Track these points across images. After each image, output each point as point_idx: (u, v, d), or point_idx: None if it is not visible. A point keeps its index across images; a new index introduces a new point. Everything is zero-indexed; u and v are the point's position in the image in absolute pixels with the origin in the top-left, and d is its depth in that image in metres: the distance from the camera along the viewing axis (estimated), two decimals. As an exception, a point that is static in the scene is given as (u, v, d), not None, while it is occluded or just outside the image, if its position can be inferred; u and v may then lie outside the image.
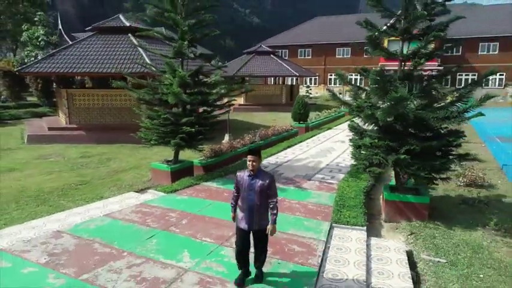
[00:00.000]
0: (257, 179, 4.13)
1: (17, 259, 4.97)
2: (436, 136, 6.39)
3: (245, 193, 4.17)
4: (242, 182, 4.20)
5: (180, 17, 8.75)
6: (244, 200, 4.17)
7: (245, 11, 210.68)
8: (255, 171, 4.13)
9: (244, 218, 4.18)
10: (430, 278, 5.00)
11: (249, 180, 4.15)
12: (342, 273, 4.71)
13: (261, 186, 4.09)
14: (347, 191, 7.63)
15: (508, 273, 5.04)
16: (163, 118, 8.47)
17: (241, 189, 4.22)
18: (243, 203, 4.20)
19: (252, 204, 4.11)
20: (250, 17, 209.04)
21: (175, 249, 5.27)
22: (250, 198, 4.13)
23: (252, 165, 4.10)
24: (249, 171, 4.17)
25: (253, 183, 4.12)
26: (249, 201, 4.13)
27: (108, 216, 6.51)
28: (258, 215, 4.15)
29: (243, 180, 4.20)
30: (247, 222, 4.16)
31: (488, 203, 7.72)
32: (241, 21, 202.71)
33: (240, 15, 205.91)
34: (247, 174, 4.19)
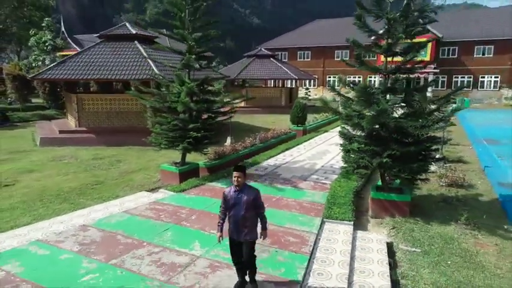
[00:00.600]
0: (243, 194, 4.43)
1: (53, 248, 5.87)
2: (415, 142, 7.25)
3: (232, 207, 4.47)
4: (229, 198, 4.49)
5: (187, 32, 9.60)
6: (232, 213, 4.48)
7: (245, 11, 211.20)
8: (240, 187, 4.43)
9: (233, 230, 4.52)
10: (405, 264, 5.88)
11: (235, 195, 4.45)
12: (329, 260, 5.60)
13: (247, 200, 4.41)
14: (338, 190, 8.51)
15: (471, 260, 5.93)
16: (172, 124, 9.35)
17: (228, 204, 4.49)
18: (230, 216, 4.51)
19: (239, 218, 4.43)
20: (250, 17, 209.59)
21: (187, 240, 6.15)
22: (237, 213, 4.43)
23: (237, 181, 4.40)
24: (234, 187, 4.47)
25: (240, 198, 4.43)
26: (236, 215, 4.44)
27: (126, 213, 7.40)
28: (244, 227, 4.46)
29: (229, 195, 4.49)
30: (236, 234, 4.51)
31: (465, 201, 8.61)
32: (241, 22, 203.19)
33: (240, 16, 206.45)
34: (233, 190, 4.49)
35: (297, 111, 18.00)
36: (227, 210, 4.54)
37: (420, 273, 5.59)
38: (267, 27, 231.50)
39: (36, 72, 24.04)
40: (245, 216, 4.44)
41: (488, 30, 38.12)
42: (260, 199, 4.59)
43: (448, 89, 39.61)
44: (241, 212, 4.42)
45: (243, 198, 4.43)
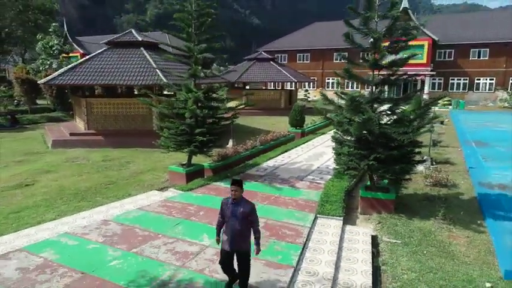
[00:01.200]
0: (239, 207, 4.67)
1: (80, 239, 6.78)
2: (398, 146, 8.14)
3: (229, 219, 4.71)
4: (226, 209, 4.76)
5: (193, 45, 10.49)
6: (228, 224, 4.72)
7: (245, 11, 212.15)
8: (237, 199, 4.69)
9: (227, 241, 4.75)
10: (387, 253, 6.79)
11: (232, 207, 4.70)
12: (320, 249, 6.51)
13: (243, 213, 4.65)
14: (331, 189, 9.41)
15: (444, 250, 6.84)
16: (180, 129, 10.25)
17: (225, 215, 4.75)
18: (226, 227, 4.76)
19: (234, 229, 4.66)
20: (250, 18, 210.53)
21: (197, 232, 7.06)
22: (233, 224, 4.67)
23: (234, 194, 4.67)
24: (232, 199, 4.73)
25: (236, 210, 4.66)
26: (232, 226, 4.67)
27: (141, 209, 8.32)
28: (239, 238, 4.69)
29: (227, 206, 4.76)
30: (230, 244, 4.73)
31: (447, 199, 9.52)
32: (242, 22, 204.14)
33: (240, 16, 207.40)
34: (230, 202, 4.74)
35: (295, 115, 18.91)
36: (224, 221, 4.81)
37: (399, 260, 6.50)
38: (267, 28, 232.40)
39: (43, 75, 25.02)
40: (241, 229, 4.68)
41: (483, 34, 39.03)
42: (255, 213, 4.79)
43: (444, 91, 40.58)
44: (237, 224, 4.65)
45: (239, 210, 4.65)
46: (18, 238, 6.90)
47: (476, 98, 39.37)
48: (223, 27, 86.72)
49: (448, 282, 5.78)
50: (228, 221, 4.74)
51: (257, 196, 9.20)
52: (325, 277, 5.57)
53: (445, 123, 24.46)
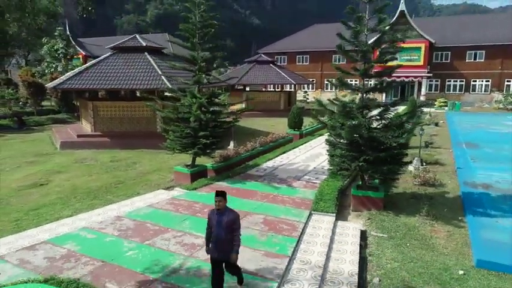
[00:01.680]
0: (224, 216, 4.97)
1: (98, 233, 7.55)
2: (385, 149, 8.90)
3: (215, 228, 4.99)
4: (212, 219, 5.07)
5: (197, 53, 11.25)
6: (214, 234, 5.02)
7: (245, 12, 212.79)
8: (221, 210, 4.99)
9: (215, 249, 5.05)
10: (373, 246, 7.56)
11: (218, 217, 4.99)
12: (313, 241, 7.27)
13: (228, 222, 4.94)
14: (326, 188, 10.17)
15: (426, 243, 7.60)
16: (185, 132, 11.02)
17: (212, 225, 5.06)
18: (213, 237, 5.04)
19: (220, 238, 4.96)
20: (251, 18, 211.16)
21: (202, 227, 7.73)
22: (218, 233, 4.96)
23: (218, 205, 4.97)
24: (216, 210, 5.03)
25: (221, 220, 4.96)
26: (218, 236, 4.97)
27: (150, 207, 9.09)
28: (226, 247, 4.98)
29: (213, 217, 5.06)
30: (217, 252, 5.04)
31: (433, 197, 10.28)
32: (242, 22, 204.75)
33: (240, 16, 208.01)
34: (216, 213, 5.04)
35: (293, 117, 19.68)
36: (211, 231, 5.11)
37: (384, 252, 7.26)
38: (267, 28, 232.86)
39: (48, 78, 25.77)
40: (226, 238, 4.96)
41: (479, 36, 39.81)
42: (238, 222, 5.09)
43: (441, 92, 41.36)
44: (222, 233, 4.94)
45: (224, 219, 4.96)
46: (41, 232, 7.66)
47: (472, 99, 40.14)
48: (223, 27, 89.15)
49: (426, 270, 6.55)
50: (214, 230, 5.00)
51: (257, 195, 9.97)
52: (317, 265, 6.34)
53: (439, 124, 25.30)
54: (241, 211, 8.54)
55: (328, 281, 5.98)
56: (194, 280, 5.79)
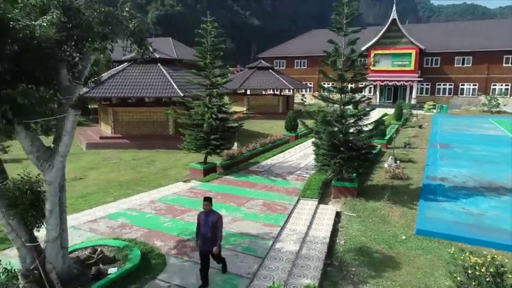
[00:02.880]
0: (209, 217, 6.33)
1: (139, 211, 10.23)
2: (357, 149, 11.54)
3: (202, 227, 6.33)
4: (200, 220, 6.42)
5: (209, 71, 13.91)
6: (202, 232, 6.34)
7: (245, 13, 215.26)
8: (208, 212, 6.36)
9: (202, 244, 6.37)
10: (344, 221, 10.22)
11: (205, 218, 6.34)
12: (299, 217, 9.95)
13: (212, 221, 6.28)
14: (312, 181, 12.84)
15: (383, 219, 10.27)
16: (199, 136, 13.68)
17: (200, 224, 6.41)
18: (201, 234, 6.38)
19: (206, 235, 6.28)
20: (251, 19, 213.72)
21: (217, 208, 10.44)
22: (205, 232, 6.28)
23: (205, 207, 6.37)
24: (204, 212, 6.40)
25: (208, 220, 6.30)
26: (205, 234, 6.30)
27: (175, 194, 11.77)
28: (209, 242, 6.28)
29: (201, 218, 6.42)
30: (203, 246, 6.33)
31: (398, 188, 12.95)
32: (242, 23, 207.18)
33: (241, 17, 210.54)
34: (203, 214, 6.41)
35: (290, 121, 22.37)
36: (199, 227, 6.46)
37: (351, 225, 9.94)
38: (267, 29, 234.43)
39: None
40: (211, 236, 6.30)
41: (467, 43, 42.49)
42: (220, 221, 6.39)
43: (431, 95, 44.04)
44: (208, 233, 6.25)
45: (209, 220, 6.32)
46: (96, 212, 10.34)
47: (460, 102, 42.83)
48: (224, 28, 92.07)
49: (380, 236, 9.23)
50: (201, 229, 6.35)
51: (257, 185, 12.65)
52: (301, 232, 9.02)
53: (423, 127, 27.96)
54: (245, 197, 11.35)
55: (308, 241, 8.66)
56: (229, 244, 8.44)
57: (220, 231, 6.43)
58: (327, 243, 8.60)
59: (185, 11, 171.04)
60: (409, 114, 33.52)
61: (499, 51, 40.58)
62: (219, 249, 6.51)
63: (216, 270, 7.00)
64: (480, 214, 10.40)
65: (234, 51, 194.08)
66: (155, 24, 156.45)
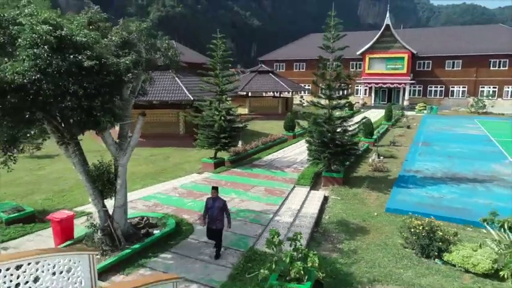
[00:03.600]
0: (216, 202, 8.25)
1: (167, 195, 12.89)
2: (341, 145, 14.15)
3: (210, 210, 8.25)
4: (208, 203, 8.33)
5: (219, 80, 16.53)
6: (209, 213, 8.28)
7: (245, 13, 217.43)
8: (214, 198, 8.31)
9: (210, 222, 8.30)
10: (330, 203, 12.87)
11: (212, 202, 8.29)
12: (294, 200, 12.60)
13: (218, 206, 8.23)
14: (306, 172, 15.46)
15: (362, 201, 12.90)
16: (211, 135, 16.31)
17: (207, 207, 8.34)
18: (209, 215, 8.31)
19: (212, 216, 8.23)
20: (251, 20, 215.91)
21: (228, 193, 13.12)
22: (212, 212, 8.22)
23: (213, 194, 8.34)
24: (211, 198, 8.41)
25: (214, 204, 8.25)
26: (212, 214, 8.24)
27: (192, 182, 14.42)
28: (216, 222, 8.22)
29: (209, 202, 8.32)
30: (210, 224, 8.31)
31: (378, 178, 15.57)
32: (242, 24, 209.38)
33: (241, 18, 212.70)
34: (211, 200, 8.36)
35: (288, 121, 25.01)
36: (207, 211, 8.38)
37: (335, 205, 12.58)
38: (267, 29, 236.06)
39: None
40: (217, 216, 8.23)
41: (456, 47, 45.15)
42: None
43: (423, 97, 46.68)
44: (214, 213, 8.20)
45: (216, 204, 8.29)
46: (130, 196, 12.91)
47: (451, 103, 45.49)
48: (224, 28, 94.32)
49: (357, 213, 11.86)
50: (209, 211, 8.32)
51: (260, 176, 15.29)
52: (294, 209, 11.65)
53: (411, 127, 30.59)
54: (250, 184, 14.00)
55: (300, 216, 11.30)
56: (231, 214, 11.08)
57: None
58: (315, 217, 11.24)
59: (186, 12, 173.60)
60: (401, 115, 36.12)
61: (486, 56, 43.23)
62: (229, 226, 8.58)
63: (231, 233, 9.62)
64: (440, 197, 13.04)
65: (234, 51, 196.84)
66: (156, 25, 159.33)
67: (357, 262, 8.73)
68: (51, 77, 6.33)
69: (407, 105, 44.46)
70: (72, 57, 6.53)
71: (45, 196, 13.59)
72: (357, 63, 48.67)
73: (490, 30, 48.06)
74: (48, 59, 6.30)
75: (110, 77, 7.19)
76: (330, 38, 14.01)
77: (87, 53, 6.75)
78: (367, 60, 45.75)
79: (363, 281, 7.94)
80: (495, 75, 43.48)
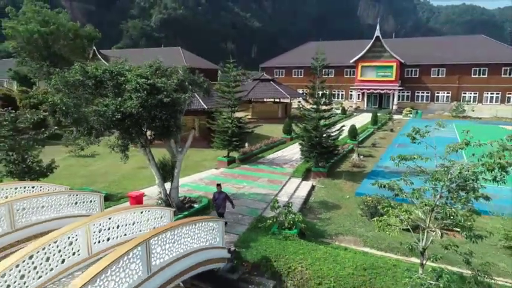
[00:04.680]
0: (221, 195, 12.79)
1: (196, 183, 17.79)
2: (326, 147, 18.96)
3: (216, 200, 12.76)
4: (215, 196, 12.82)
5: (231, 95, 21.35)
6: (217, 202, 12.72)
7: (246, 14, 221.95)
8: (219, 192, 12.86)
9: (217, 208, 12.72)
10: (316, 189, 17.73)
11: (217, 195, 12.78)
12: (288, 187, 17.45)
13: (222, 197, 12.70)
14: (299, 168, 20.29)
15: (339, 188, 17.77)
16: (225, 138, 21.12)
17: (215, 198, 12.81)
18: (216, 203, 12.74)
19: (218, 204, 12.66)
20: (251, 21, 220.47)
21: (239, 182, 17.95)
22: (218, 202, 12.67)
23: (218, 189, 12.93)
24: (217, 192, 12.90)
25: (219, 196, 12.75)
26: (218, 203, 12.68)
27: (213, 175, 19.31)
28: (220, 207, 12.61)
29: (215, 195, 12.81)
30: (217, 209, 12.70)
31: (354, 172, 20.39)
32: (242, 25, 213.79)
33: (241, 19, 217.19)
34: (217, 193, 12.89)
35: (286, 125, 29.87)
36: (214, 201, 12.88)
37: (320, 191, 17.45)
38: (267, 30, 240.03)
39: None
40: (221, 204, 12.61)
41: (441, 57, 50.04)
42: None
43: (411, 102, 51.52)
44: (219, 202, 12.60)
45: (220, 196, 12.80)
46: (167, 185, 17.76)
47: (436, 107, 50.38)
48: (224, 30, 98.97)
49: (334, 196, 16.72)
50: (216, 201, 12.81)
51: (264, 170, 20.14)
52: (289, 193, 16.52)
53: (394, 130, 35.42)
54: (256, 177, 18.84)
55: (293, 197, 16.16)
56: (244, 196, 15.95)
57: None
58: (304, 199, 16.08)
59: (187, 13, 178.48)
60: (388, 119, 40.96)
61: (468, 64, 48.11)
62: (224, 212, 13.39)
63: (245, 207, 14.39)
64: (397, 186, 17.83)
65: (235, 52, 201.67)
66: (159, 27, 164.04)
67: (329, 224, 13.59)
68: (147, 109, 11.16)
69: (396, 109, 49.32)
70: (158, 96, 11.34)
71: (103, 185, 18.40)
72: (350, 70, 53.51)
73: (473, 41, 53.00)
74: (145, 99, 11.11)
75: (176, 107, 12.01)
76: (317, 66, 18.83)
77: (164, 93, 11.57)
78: (360, 68, 50.62)
79: (332, 233, 12.79)
80: (476, 82, 48.35)
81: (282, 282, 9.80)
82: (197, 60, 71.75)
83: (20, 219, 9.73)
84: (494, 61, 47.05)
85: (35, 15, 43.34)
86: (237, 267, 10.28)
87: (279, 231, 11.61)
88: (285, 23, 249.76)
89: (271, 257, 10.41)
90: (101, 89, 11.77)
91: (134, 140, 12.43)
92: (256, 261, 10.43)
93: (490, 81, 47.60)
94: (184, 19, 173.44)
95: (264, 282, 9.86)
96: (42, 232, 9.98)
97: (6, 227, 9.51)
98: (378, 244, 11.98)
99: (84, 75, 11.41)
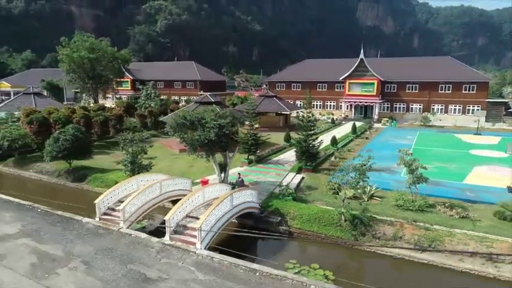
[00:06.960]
0: (239, 179, 24.87)
1: (232, 175, 29.92)
2: (312, 152, 31.03)
3: (237, 181, 25.08)
4: (238, 180, 25.27)
5: (251, 116, 33.47)
6: (238, 181, 25.13)
7: (247, 18, 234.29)
8: (239, 178, 25.31)
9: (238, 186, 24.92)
10: (305, 179, 29.92)
11: (238, 179, 25.00)
12: (287, 178, 29.66)
13: (240, 180, 25.00)
14: (295, 165, 32.43)
15: (319, 179, 29.94)
16: (247, 146, 33.24)
17: (238, 180, 25.38)
18: (238, 184, 24.91)
19: (239, 184, 24.44)
20: (252, 24, 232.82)
21: (258, 175, 30.07)
22: (239, 182, 24.70)
23: (238, 175, 25.75)
24: (238, 178, 25.50)
25: (238, 180, 24.85)
26: (239, 183, 24.57)
27: (240, 170, 31.47)
28: (241, 185, 24.51)
29: (238, 180, 25.07)
30: (238, 186, 25.12)
31: (331, 169, 32.53)
32: (243, 29, 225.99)
33: (242, 23, 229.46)
34: (238, 178, 25.38)
35: (286, 135, 42.06)
36: (237, 182, 25.51)
37: (307, 180, 29.72)
38: (268, 33, 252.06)
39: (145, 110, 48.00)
40: (240, 184, 24.56)
41: (415, 75, 62.29)
42: (243, 180, 25.86)
43: (390, 112, 63.79)
44: (239, 183, 24.65)
45: (239, 180, 24.91)
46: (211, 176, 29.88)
47: (411, 117, 62.62)
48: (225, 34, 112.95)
49: (315, 183, 28.91)
50: (237, 182, 25.50)
51: (272, 168, 32.39)
52: (288, 181, 28.74)
53: (369, 138, 47.62)
54: (266, 171, 31.34)
55: (290, 183, 28.38)
56: (261, 183, 28.16)
57: (243, 183, 26.03)
58: (297, 184, 28.29)
59: (190, 19, 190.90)
60: (368, 127, 53.15)
61: (436, 82, 60.33)
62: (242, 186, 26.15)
63: (263, 187, 26.51)
64: (355, 177, 30.00)
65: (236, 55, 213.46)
66: (164, 32, 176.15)
67: (310, 196, 25.76)
68: (218, 137, 23.28)
69: (377, 118, 61.55)
70: (223, 130, 23.45)
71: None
72: (340, 85, 65.66)
73: (440, 62, 65.30)
74: (216, 132, 23.21)
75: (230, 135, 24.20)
76: (305, 104, 30.99)
77: (226, 127, 23.69)
78: (347, 84, 62.80)
79: (310, 200, 24.96)
80: (442, 96, 60.59)
81: (284, 217, 21.99)
82: (208, 74, 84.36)
83: (164, 188, 21.84)
84: (457, 80, 59.30)
85: (83, 44, 55.44)
86: (263, 212, 22.45)
87: (283, 197, 23.73)
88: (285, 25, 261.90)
89: (279, 207, 22.58)
90: (193, 125, 23.84)
91: (209, 152, 24.50)
92: (271, 210, 22.60)
93: (454, 95, 59.83)
94: (188, 24, 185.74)
95: (275, 218, 22.03)
96: (170, 196, 22.18)
97: (158, 192, 21.62)
98: (331, 204, 24.13)
99: (185, 119, 23.50)
